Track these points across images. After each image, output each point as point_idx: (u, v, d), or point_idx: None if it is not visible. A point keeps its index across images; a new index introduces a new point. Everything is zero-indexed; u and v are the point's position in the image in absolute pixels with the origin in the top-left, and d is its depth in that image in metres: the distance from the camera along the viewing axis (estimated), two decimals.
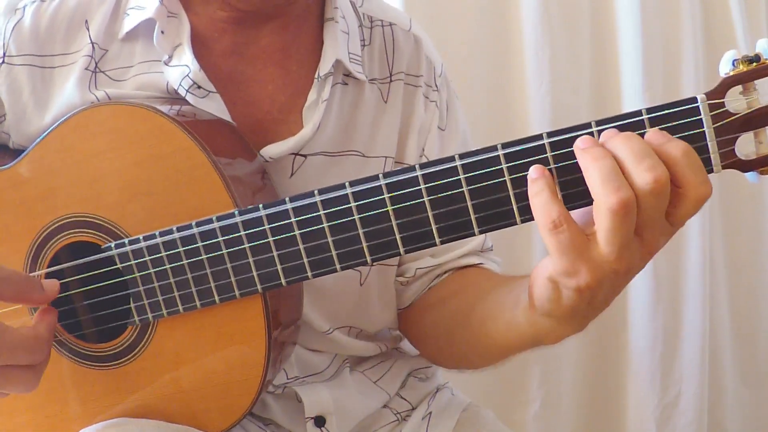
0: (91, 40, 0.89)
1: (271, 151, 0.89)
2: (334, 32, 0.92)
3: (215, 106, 0.87)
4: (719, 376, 1.90)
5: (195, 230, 0.78)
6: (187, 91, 0.86)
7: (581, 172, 0.65)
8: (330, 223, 0.73)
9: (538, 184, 0.66)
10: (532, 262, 1.72)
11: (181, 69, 0.86)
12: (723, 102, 0.65)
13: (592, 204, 0.65)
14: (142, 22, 0.88)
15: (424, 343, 1.02)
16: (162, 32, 0.87)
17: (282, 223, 0.75)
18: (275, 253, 0.76)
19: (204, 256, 0.78)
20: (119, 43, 0.89)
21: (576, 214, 0.67)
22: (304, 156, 0.91)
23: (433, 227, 0.71)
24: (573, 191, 0.67)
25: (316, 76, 0.91)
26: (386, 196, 0.71)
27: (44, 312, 0.78)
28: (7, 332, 0.72)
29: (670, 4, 1.76)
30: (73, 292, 0.85)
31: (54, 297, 0.77)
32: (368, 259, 0.73)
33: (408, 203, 0.71)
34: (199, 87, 0.86)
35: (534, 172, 0.67)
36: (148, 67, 0.89)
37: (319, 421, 0.94)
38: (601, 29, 1.77)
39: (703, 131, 0.65)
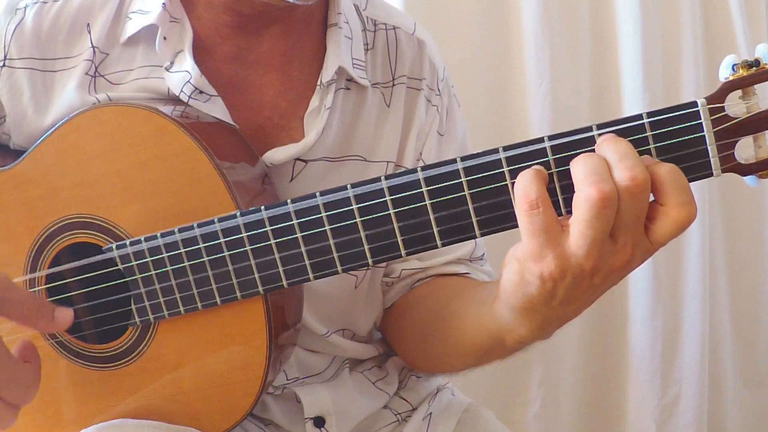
0: (92, 44, 0.89)
1: (272, 157, 0.89)
2: (337, 38, 0.92)
3: (217, 110, 0.87)
4: (719, 376, 1.90)
5: (197, 231, 0.78)
6: (189, 96, 0.86)
7: None
8: (332, 226, 0.73)
9: (528, 169, 0.67)
10: None
11: (182, 75, 0.86)
12: (723, 106, 0.65)
13: None
14: (144, 28, 0.87)
15: (401, 344, 1.02)
16: (164, 38, 0.87)
17: (284, 225, 0.75)
18: (277, 255, 0.76)
19: (206, 258, 0.78)
20: (121, 47, 0.89)
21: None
22: (305, 161, 0.91)
23: (435, 229, 0.71)
24: (572, 195, 0.67)
25: (318, 82, 0.90)
26: (388, 198, 0.71)
27: (29, 352, 0.74)
28: (8, 362, 0.70)
29: (670, 5, 1.76)
30: (74, 293, 0.85)
31: (64, 328, 0.75)
32: (370, 261, 0.73)
33: (410, 206, 0.71)
34: (201, 92, 0.86)
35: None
36: (149, 71, 0.88)
37: (319, 421, 0.94)
38: (601, 29, 1.77)
39: (703, 135, 0.65)
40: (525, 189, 0.65)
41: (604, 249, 0.65)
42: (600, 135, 0.66)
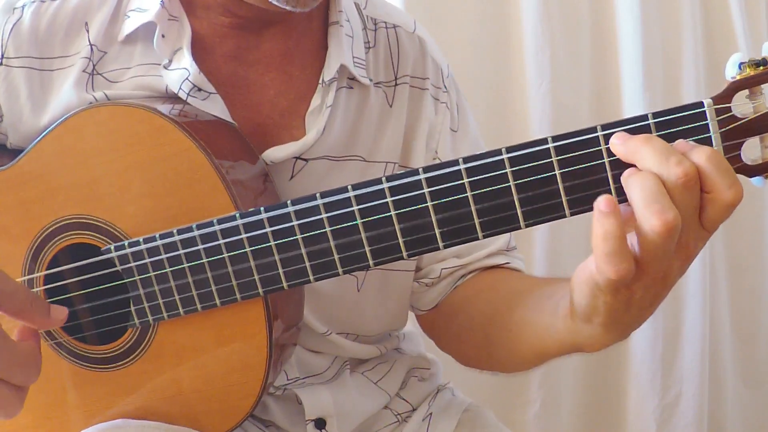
0: (89, 42, 0.88)
1: (273, 154, 0.88)
2: (339, 36, 0.91)
3: (216, 108, 0.86)
4: (719, 376, 1.91)
5: (196, 233, 0.77)
6: (187, 94, 0.85)
7: (585, 177, 0.65)
8: (332, 227, 0.73)
9: (609, 225, 0.62)
10: (532, 262, 1.72)
11: (181, 72, 0.85)
12: (729, 107, 0.64)
13: (593, 210, 0.64)
14: (143, 25, 0.87)
15: (456, 346, 1.00)
16: (162, 36, 0.86)
17: (284, 226, 0.74)
18: (277, 257, 0.75)
19: (205, 259, 0.77)
20: (119, 45, 0.89)
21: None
22: (306, 160, 0.90)
23: (436, 231, 0.70)
24: (577, 197, 0.66)
25: (320, 81, 0.90)
26: (389, 199, 0.70)
27: (28, 331, 0.73)
28: (7, 345, 0.69)
29: (670, 5, 1.76)
30: (72, 294, 0.85)
31: (59, 325, 0.74)
32: (371, 262, 0.73)
33: (410, 207, 0.70)
34: (200, 89, 0.86)
35: (605, 206, 0.62)
36: (147, 69, 0.88)
37: (320, 423, 0.94)
38: (601, 29, 1.77)
39: (710, 136, 0.64)
40: (612, 259, 0.62)
41: (669, 255, 0.64)
42: (605, 136, 0.65)
